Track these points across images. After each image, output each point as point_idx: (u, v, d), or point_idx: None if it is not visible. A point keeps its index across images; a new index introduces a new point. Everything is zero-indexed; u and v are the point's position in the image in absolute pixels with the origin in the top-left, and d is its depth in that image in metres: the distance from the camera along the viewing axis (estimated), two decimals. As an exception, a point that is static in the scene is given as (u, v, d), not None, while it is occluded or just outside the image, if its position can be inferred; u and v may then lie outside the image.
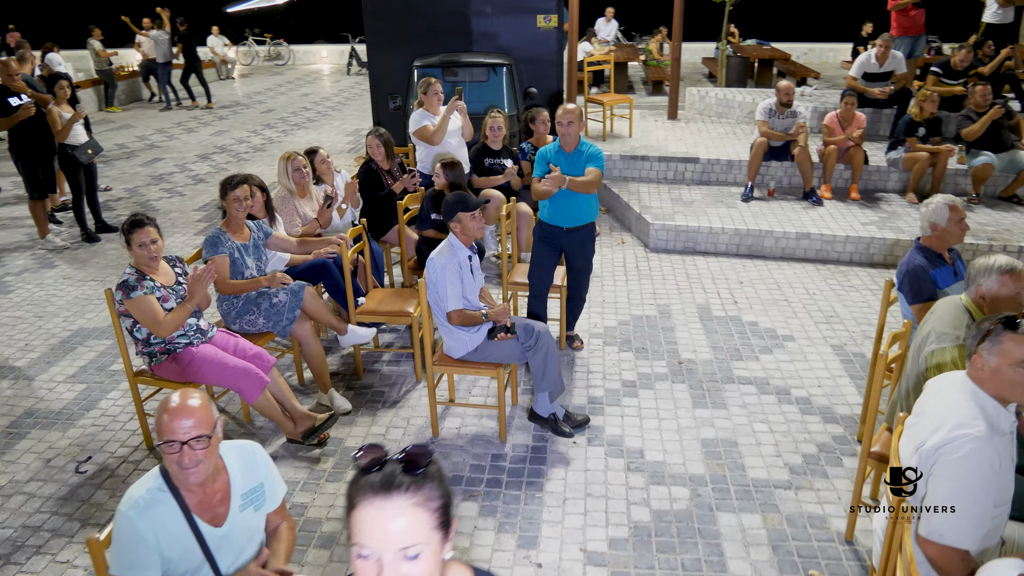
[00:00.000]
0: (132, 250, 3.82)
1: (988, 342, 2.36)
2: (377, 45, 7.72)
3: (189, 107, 14.13)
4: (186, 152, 11.15)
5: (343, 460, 4.09)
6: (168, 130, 12.79)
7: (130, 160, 10.78)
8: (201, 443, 2.15)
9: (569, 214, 4.79)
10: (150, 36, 14.35)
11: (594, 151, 4.74)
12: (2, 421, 4.55)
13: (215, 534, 2.27)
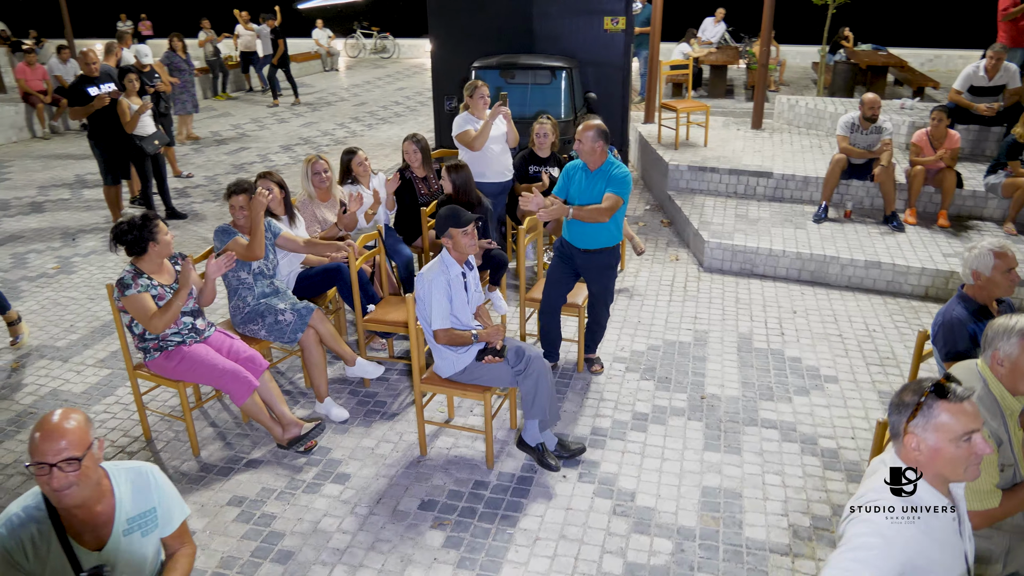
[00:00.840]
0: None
1: (920, 417, 1.99)
2: (440, 45, 7.63)
3: (270, 104, 14.45)
4: (272, 142, 11.49)
5: (325, 471, 4.01)
6: (262, 120, 13.24)
7: (219, 148, 11.21)
8: (71, 466, 2.08)
9: (582, 235, 4.52)
10: (254, 29, 14.91)
11: (618, 174, 4.43)
12: (26, 400, 4.75)
13: (92, 558, 2.20)
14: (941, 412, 1.96)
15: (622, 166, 4.47)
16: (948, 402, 1.96)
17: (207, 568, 3.38)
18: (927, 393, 1.98)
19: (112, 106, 7.33)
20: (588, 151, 4.40)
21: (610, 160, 4.45)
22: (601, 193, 4.42)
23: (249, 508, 3.75)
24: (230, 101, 15.34)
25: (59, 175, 9.90)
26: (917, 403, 1.99)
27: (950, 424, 1.94)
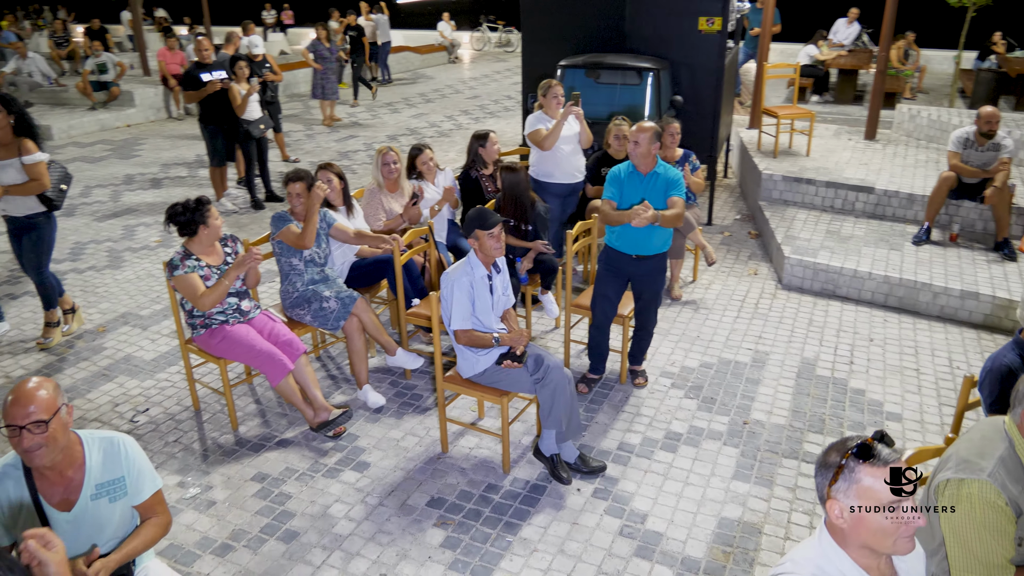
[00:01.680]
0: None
1: (842, 481, 1.78)
2: (531, 42, 7.58)
3: (351, 103, 14.43)
4: (381, 131, 11.85)
5: (348, 458, 4.11)
6: (376, 109, 13.68)
7: (329, 135, 11.68)
8: (39, 428, 2.22)
9: (638, 241, 4.38)
10: (373, 19, 15.41)
11: (673, 176, 4.29)
12: (103, 362, 5.14)
13: (61, 518, 2.35)
14: (864, 476, 1.75)
15: (672, 167, 4.32)
16: (871, 465, 1.74)
17: (218, 538, 3.54)
18: (848, 454, 1.78)
19: (221, 91, 7.79)
20: (644, 153, 4.27)
21: (661, 162, 4.30)
22: (660, 196, 4.29)
23: (269, 485, 3.90)
24: (349, 90, 15.94)
25: (182, 154, 10.63)
26: (839, 465, 1.79)
27: (874, 490, 1.74)
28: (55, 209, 5.03)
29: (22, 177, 4.76)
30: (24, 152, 4.73)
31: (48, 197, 4.93)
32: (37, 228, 5.04)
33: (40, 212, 4.98)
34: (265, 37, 21.27)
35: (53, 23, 16.65)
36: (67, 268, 6.71)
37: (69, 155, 10.73)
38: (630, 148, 4.30)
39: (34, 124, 4.85)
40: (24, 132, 4.78)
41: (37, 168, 4.76)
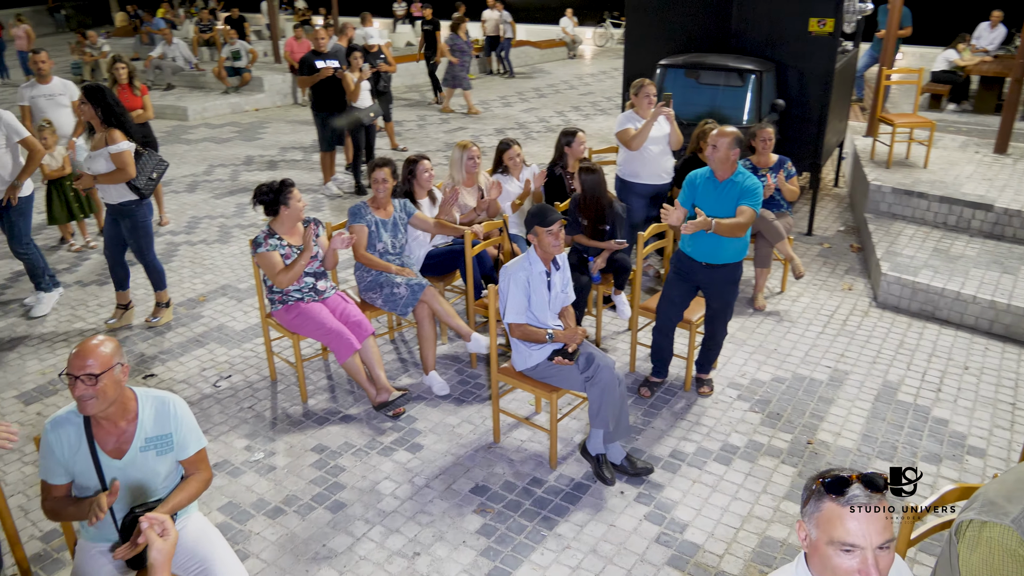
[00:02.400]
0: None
1: (810, 506, 1.73)
2: (633, 40, 7.50)
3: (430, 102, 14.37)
4: (489, 124, 12.04)
5: (404, 438, 4.25)
6: (489, 102, 13.89)
7: (440, 126, 11.98)
8: (90, 380, 2.44)
9: (709, 249, 4.29)
10: (497, 14, 15.63)
11: (750, 185, 4.17)
12: (198, 329, 5.53)
13: (113, 465, 2.58)
14: (825, 507, 1.69)
15: (752, 176, 4.19)
16: (836, 502, 1.67)
17: (272, 501, 3.77)
18: (819, 482, 1.71)
19: (333, 79, 8.16)
20: (723, 158, 4.18)
21: (740, 170, 4.19)
22: (733, 205, 4.19)
23: (327, 458, 4.09)
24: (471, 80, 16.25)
25: (300, 139, 11.20)
26: (811, 491, 1.73)
27: (831, 524, 1.67)
28: (143, 197, 5.22)
29: (110, 166, 5.00)
30: (110, 142, 4.96)
31: (135, 185, 5.11)
32: (131, 215, 5.24)
33: (132, 200, 5.19)
34: (394, 28, 22.00)
35: (200, 12, 17.86)
36: (181, 240, 7.25)
37: (200, 135, 11.54)
38: (708, 152, 4.21)
39: (123, 116, 5.06)
40: (114, 123, 5.00)
41: (122, 157, 4.96)
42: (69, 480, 2.59)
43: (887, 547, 1.66)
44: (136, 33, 18.31)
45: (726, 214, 4.17)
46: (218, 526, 3.58)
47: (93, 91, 4.99)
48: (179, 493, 2.68)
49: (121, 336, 5.43)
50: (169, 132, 11.74)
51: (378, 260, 4.73)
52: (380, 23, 22.72)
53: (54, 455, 2.53)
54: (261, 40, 18.93)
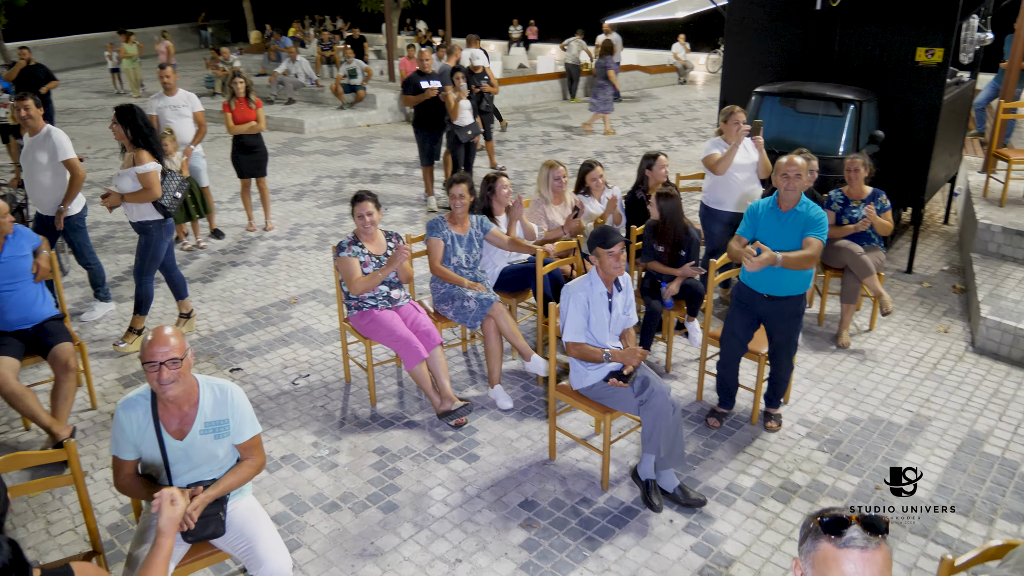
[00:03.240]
0: (353, 218, 4.60)
1: (806, 544, 1.68)
2: (732, 67, 7.41)
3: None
4: (590, 147, 12.11)
5: (462, 448, 4.35)
6: (593, 125, 13.96)
7: (540, 147, 12.15)
8: (175, 365, 2.66)
9: (771, 280, 4.20)
10: (611, 38, 15.73)
11: (816, 215, 4.06)
12: (286, 329, 5.85)
13: (175, 444, 2.80)
14: (822, 547, 1.64)
15: (816, 206, 4.09)
16: (832, 543, 1.62)
17: (330, 496, 3.94)
18: (817, 522, 1.67)
19: (436, 98, 8.47)
20: (801, 187, 4.09)
21: (804, 200, 4.09)
22: (797, 236, 4.09)
23: (386, 460, 4.25)
24: (577, 104, 16.40)
25: (405, 155, 11.62)
26: (809, 529, 1.69)
27: (826, 566, 1.62)
28: (168, 216, 5.32)
29: (137, 185, 5.12)
30: (138, 162, 5.10)
31: (161, 204, 5.25)
32: (147, 234, 5.32)
33: (152, 220, 5.27)
34: (508, 50, 22.50)
35: (320, 32, 18.85)
36: (282, 245, 7.68)
37: (313, 147, 12.17)
38: (785, 183, 4.12)
39: (151, 136, 5.17)
40: (141, 144, 5.13)
41: (148, 178, 5.09)
42: (137, 457, 2.82)
43: None
44: (266, 50, 19.51)
45: (790, 246, 4.07)
46: (277, 515, 3.79)
47: (124, 112, 5.11)
48: (230, 476, 2.87)
49: (217, 330, 5.81)
50: (285, 144, 12.45)
51: (451, 273, 4.88)
52: (495, 45, 23.37)
53: (124, 433, 2.78)
54: (380, 59, 19.78)
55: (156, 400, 2.79)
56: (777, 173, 4.10)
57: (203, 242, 7.65)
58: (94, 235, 7.68)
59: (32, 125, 5.51)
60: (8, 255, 4.22)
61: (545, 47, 22.65)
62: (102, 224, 8.29)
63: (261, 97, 15.28)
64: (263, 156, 7.80)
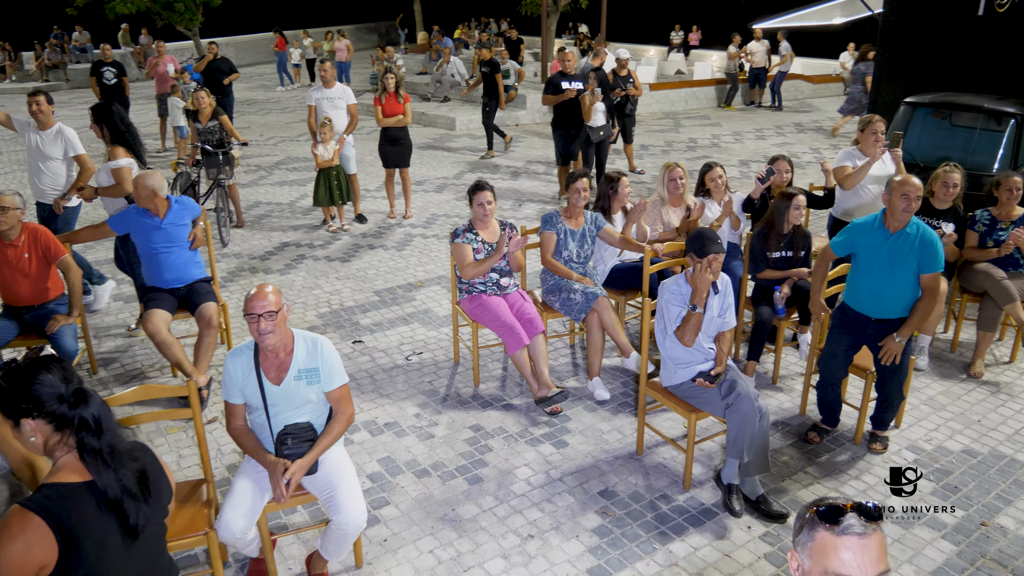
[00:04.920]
0: (471, 206, 4.86)
1: (803, 535, 1.67)
2: (885, 75, 7.05)
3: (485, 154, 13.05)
4: (735, 156, 11.84)
5: (553, 434, 4.49)
6: (743, 133, 13.64)
7: (684, 153, 12.01)
8: (271, 317, 3.00)
9: (883, 302, 4.05)
10: (766, 44, 15.26)
11: (929, 239, 3.88)
12: (408, 309, 6.23)
13: (273, 389, 3.13)
14: (819, 536, 1.64)
15: (928, 228, 3.89)
16: (830, 531, 1.62)
17: (422, 463, 4.21)
18: (813, 511, 1.67)
19: (575, 99, 8.64)
20: (907, 209, 3.90)
21: (915, 221, 3.89)
22: (907, 258, 3.93)
23: (480, 437, 4.47)
24: (731, 112, 16.04)
25: (547, 154, 11.86)
26: (805, 518, 1.69)
27: (824, 555, 1.62)
28: None
29: (111, 180, 5.30)
30: (112, 158, 5.26)
31: (133, 200, 5.34)
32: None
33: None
34: (667, 56, 22.29)
35: (480, 34, 19.50)
36: (417, 232, 8.13)
37: (460, 144, 12.70)
38: (901, 205, 3.93)
39: (129, 134, 5.33)
40: (120, 141, 5.29)
41: (120, 173, 5.26)
42: (243, 401, 3.19)
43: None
44: (429, 50, 20.43)
45: (899, 268, 3.94)
46: (372, 473, 4.11)
47: (100, 111, 5.33)
48: (325, 438, 3.17)
49: (347, 305, 6.28)
50: (435, 139, 13.07)
51: (561, 266, 5.02)
52: (655, 51, 23.20)
53: (232, 378, 3.15)
54: (537, 61, 20.19)
55: (258, 350, 3.14)
56: (894, 193, 3.91)
57: (347, 225, 8.24)
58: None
59: (43, 120, 5.64)
60: (169, 222, 4.81)
61: (706, 53, 22.22)
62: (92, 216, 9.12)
63: (419, 95, 16.12)
64: (407, 148, 8.27)
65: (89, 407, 2.00)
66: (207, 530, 3.03)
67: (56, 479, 1.95)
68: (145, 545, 2.14)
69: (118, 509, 2.01)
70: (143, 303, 4.88)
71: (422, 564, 3.49)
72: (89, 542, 1.91)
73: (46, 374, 1.95)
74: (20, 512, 1.84)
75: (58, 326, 4.44)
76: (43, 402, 1.94)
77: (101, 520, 1.97)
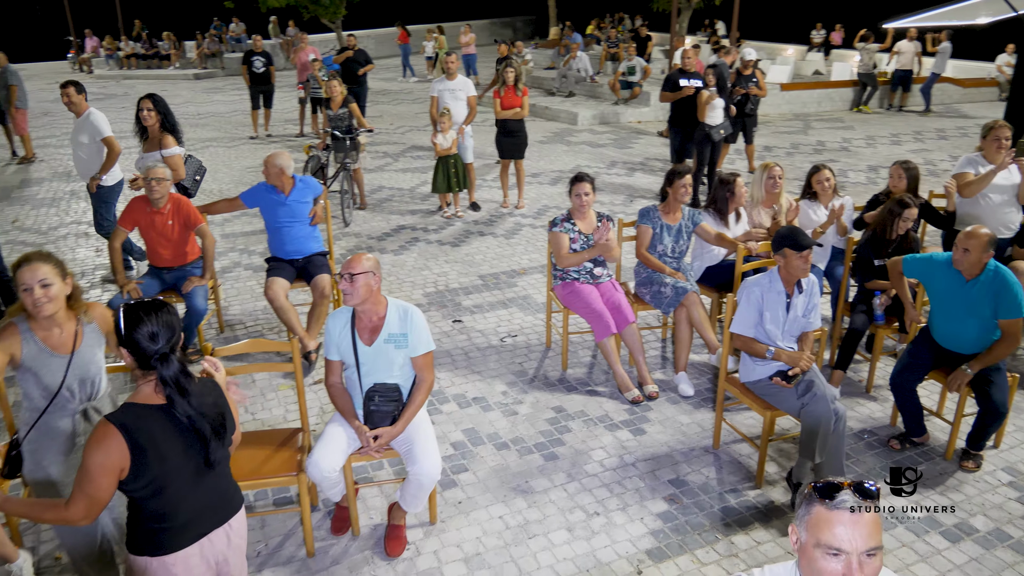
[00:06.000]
0: (570, 196, 5.05)
1: (801, 509, 1.76)
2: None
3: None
4: (864, 161, 11.37)
5: (631, 422, 4.62)
6: (877, 138, 13.04)
7: (815, 155, 11.64)
8: (348, 279, 3.28)
9: (959, 341, 4.03)
10: (915, 45, 14.49)
11: (1007, 283, 3.80)
12: (509, 295, 6.48)
13: (365, 349, 3.44)
14: (815, 511, 1.73)
15: (1007, 271, 3.77)
16: (824, 505, 1.71)
17: (503, 437, 4.45)
18: (811, 486, 1.75)
19: (693, 97, 8.63)
20: (974, 262, 3.83)
21: (991, 265, 3.77)
22: (985, 304, 3.88)
23: (561, 418, 4.65)
24: (865, 116, 15.34)
25: (666, 152, 11.82)
26: (805, 493, 1.77)
27: (818, 528, 1.71)
28: (190, 197, 5.75)
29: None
30: (164, 146, 5.58)
31: (183, 186, 5.73)
32: None
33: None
34: (804, 55, 21.50)
35: (609, 31, 19.51)
36: (527, 222, 8.38)
37: (581, 138, 12.85)
38: (956, 256, 3.84)
39: (176, 123, 5.68)
40: (170, 130, 5.62)
41: (173, 160, 5.61)
42: (339, 358, 3.52)
43: (873, 554, 1.68)
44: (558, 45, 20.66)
45: (975, 314, 3.89)
46: (456, 442, 4.39)
47: (157, 99, 5.67)
48: (410, 407, 3.46)
49: (452, 287, 6.61)
50: (556, 133, 13.29)
51: (655, 260, 5.12)
52: (794, 50, 22.41)
53: (331, 337, 3.49)
54: (667, 58, 20.00)
55: (355, 313, 3.46)
56: (957, 245, 3.84)
57: (461, 212, 8.60)
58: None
59: (75, 110, 6.10)
60: (292, 199, 5.27)
61: (848, 53, 21.24)
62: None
63: (544, 89, 16.38)
64: (523, 140, 8.53)
65: (171, 354, 2.32)
66: (298, 472, 3.39)
67: (135, 400, 2.32)
68: (213, 472, 2.45)
69: (187, 433, 2.33)
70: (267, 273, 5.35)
71: (491, 527, 3.72)
72: (153, 454, 2.26)
73: (142, 315, 2.29)
74: (104, 424, 2.23)
75: (192, 286, 4.98)
76: (133, 338, 2.29)
77: (167, 439, 2.30)
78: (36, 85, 19.24)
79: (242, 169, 10.79)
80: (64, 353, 2.98)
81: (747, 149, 10.48)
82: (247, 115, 13.77)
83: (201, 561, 2.40)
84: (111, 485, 2.23)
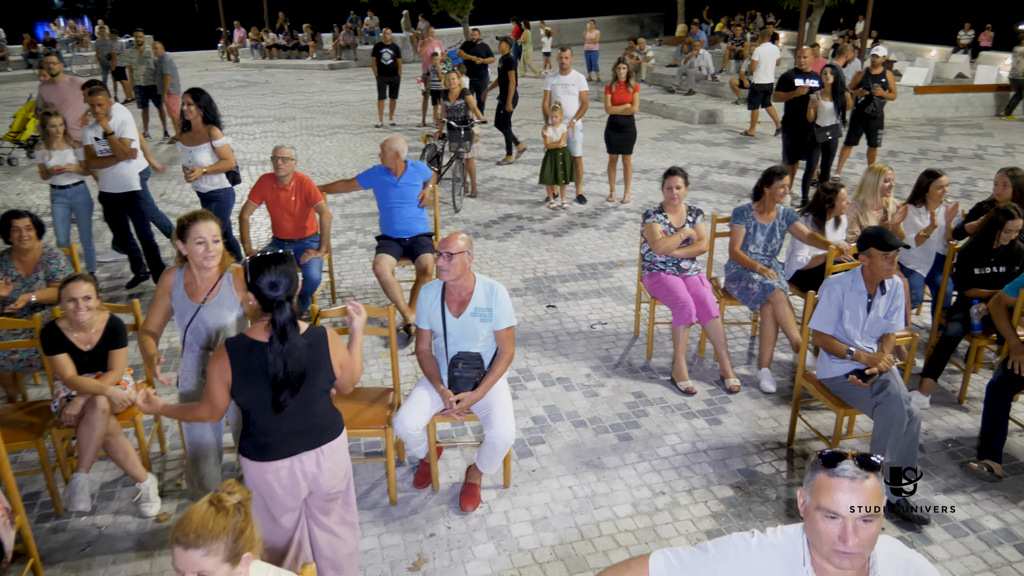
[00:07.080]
0: (663, 190, 5.20)
1: (808, 475, 1.91)
2: None
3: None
4: (993, 170, 10.73)
5: (708, 411, 4.73)
6: (1017, 147, 12.27)
7: (942, 163, 11.11)
8: (445, 257, 3.59)
9: None
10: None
11: None
12: (604, 284, 6.68)
13: (452, 320, 3.75)
14: (818, 477, 1.88)
15: None
16: (826, 472, 1.86)
17: (581, 415, 4.68)
18: (817, 455, 1.90)
19: (806, 97, 8.49)
20: None
21: None
22: None
23: (639, 403, 4.83)
24: (1009, 123, 14.42)
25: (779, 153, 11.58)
26: (811, 462, 1.92)
27: (819, 492, 1.86)
28: (238, 182, 6.08)
29: (215, 158, 5.81)
30: (213, 138, 5.75)
31: (234, 172, 6.00)
32: (218, 200, 5.99)
33: (222, 188, 5.99)
34: (948, 57, 20.33)
35: (735, 28, 19.12)
36: (631, 217, 8.52)
37: (696, 136, 12.78)
38: None
39: (218, 115, 5.82)
40: (213, 122, 5.77)
41: (224, 149, 5.81)
42: (429, 327, 3.85)
43: (870, 520, 1.82)
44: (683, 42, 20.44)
45: None
46: (536, 416, 4.65)
47: (197, 93, 5.79)
48: (490, 376, 3.75)
49: (550, 274, 6.87)
50: (671, 131, 13.26)
51: (747, 258, 5.18)
52: (937, 51, 21.22)
53: (422, 307, 3.82)
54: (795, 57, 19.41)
55: (445, 286, 3.78)
56: None
57: (566, 203, 8.84)
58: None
59: (100, 113, 5.98)
60: (404, 181, 5.68)
61: (998, 56, 19.89)
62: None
63: (664, 86, 16.32)
64: (632, 136, 8.66)
65: (287, 302, 2.69)
66: (386, 427, 3.75)
67: (248, 333, 2.75)
68: (297, 405, 2.77)
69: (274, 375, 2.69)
70: (375, 250, 5.78)
71: (560, 496, 3.97)
72: (243, 380, 2.70)
73: (268, 266, 2.68)
74: (221, 347, 2.71)
75: (308, 258, 5.47)
76: (256, 285, 2.68)
77: (254, 372, 2.68)
78: (188, 72, 20.95)
79: (364, 155, 11.45)
80: (196, 302, 3.46)
81: (869, 152, 10.13)
82: (374, 104, 14.49)
83: (290, 474, 2.79)
84: (224, 394, 2.72)
